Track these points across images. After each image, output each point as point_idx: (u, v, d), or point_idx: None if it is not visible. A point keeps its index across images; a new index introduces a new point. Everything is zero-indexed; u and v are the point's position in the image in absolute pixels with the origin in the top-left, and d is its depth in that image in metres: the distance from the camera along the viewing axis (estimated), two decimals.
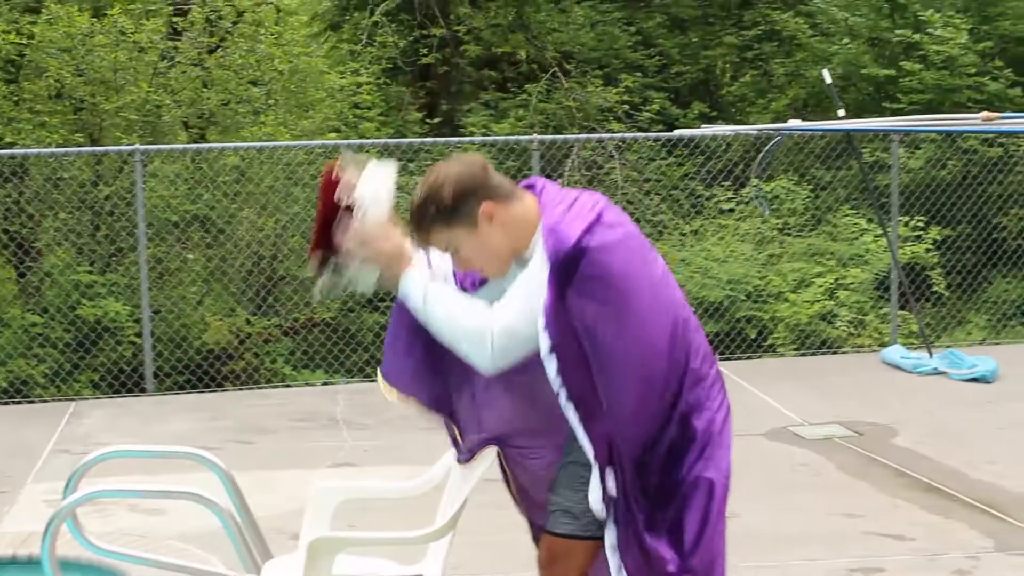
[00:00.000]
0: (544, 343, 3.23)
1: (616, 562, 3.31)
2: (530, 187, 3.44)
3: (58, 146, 11.39)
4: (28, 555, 5.64)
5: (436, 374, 3.61)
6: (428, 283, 3.38)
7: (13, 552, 5.97)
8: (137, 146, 10.72)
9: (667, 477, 3.31)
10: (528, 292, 3.25)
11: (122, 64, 12.24)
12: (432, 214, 3.32)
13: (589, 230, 3.22)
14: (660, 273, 3.38)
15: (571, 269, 3.19)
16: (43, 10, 12.62)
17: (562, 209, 3.28)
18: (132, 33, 12.46)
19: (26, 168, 11.40)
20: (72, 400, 10.18)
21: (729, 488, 3.41)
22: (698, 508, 3.31)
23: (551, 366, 3.24)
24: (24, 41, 12.23)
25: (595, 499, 3.33)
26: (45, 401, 10.22)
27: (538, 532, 3.64)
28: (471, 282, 3.55)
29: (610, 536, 3.32)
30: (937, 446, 7.94)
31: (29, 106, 12.00)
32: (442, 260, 3.54)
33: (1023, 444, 7.99)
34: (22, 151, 11.16)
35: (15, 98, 12.11)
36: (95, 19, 12.60)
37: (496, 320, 3.27)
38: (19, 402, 10.16)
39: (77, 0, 12.97)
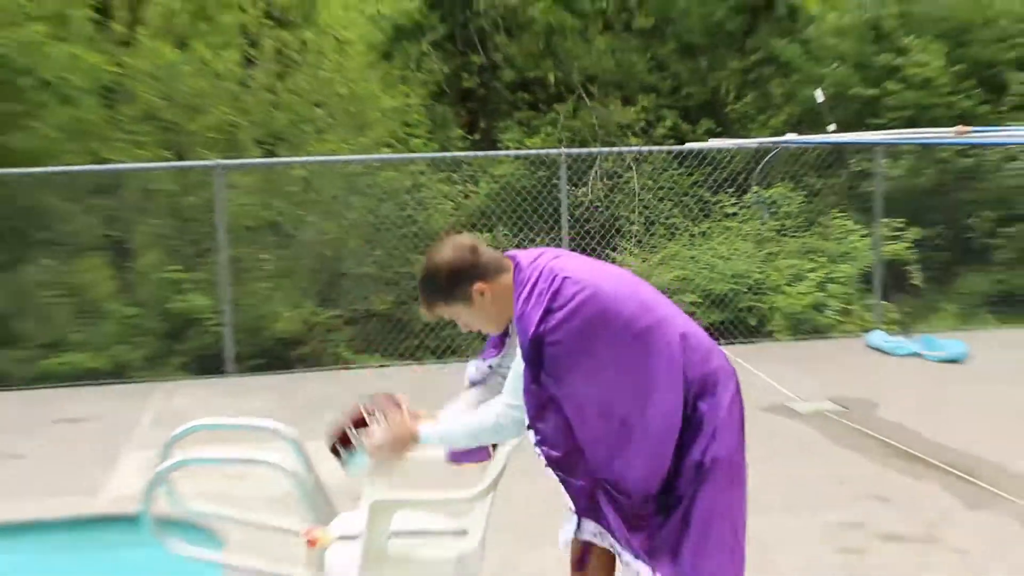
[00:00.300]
0: (525, 419, 3.32)
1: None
2: (509, 257, 3.48)
3: (149, 161, 11.49)
4: (129, 513, 5.76)
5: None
6: (436, 428, 3.54)
7: (117, 511, 6.10)
8: (218, 161, 10.83)
9: (679, 463, 3.23)
10: (517, 375, 3.32)
11: (204, 90, 12.34)
12: (433, 293, 3.45)
13: (545, 316, 3.23)
14: (635, 309, 3.25)
15: (538, 355, 3.23)
16: (134, 43, 12.72)
17: (526, 293, 3.30)
18: (212, 63, 12.55)
19: (122, 181, 11.52)
20: (164, 381, 10.34)
21: (737, 465, 3.30)
22: (708, 488, 3.21)
23: (532, 438, 3.32)
24: (119, 71, 12.35)
25: (563, 541, 3.42)
26: (141, 382, 10.36)
27: None
28: (494, 345, 3.70)
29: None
30: (915, 418, 7.97)
31: (123, 127, 12.09)
32: (479, 365, 3.76)
33: (989, 417, 8.02)
34: (118, 166, 11.24)
35: (111, 120, 12.22)
36: (179, 49, 12.70)
37: (503, 406, 3.39)
38: (119, 383, 10.32)
39: (164, 34, 13.07)
